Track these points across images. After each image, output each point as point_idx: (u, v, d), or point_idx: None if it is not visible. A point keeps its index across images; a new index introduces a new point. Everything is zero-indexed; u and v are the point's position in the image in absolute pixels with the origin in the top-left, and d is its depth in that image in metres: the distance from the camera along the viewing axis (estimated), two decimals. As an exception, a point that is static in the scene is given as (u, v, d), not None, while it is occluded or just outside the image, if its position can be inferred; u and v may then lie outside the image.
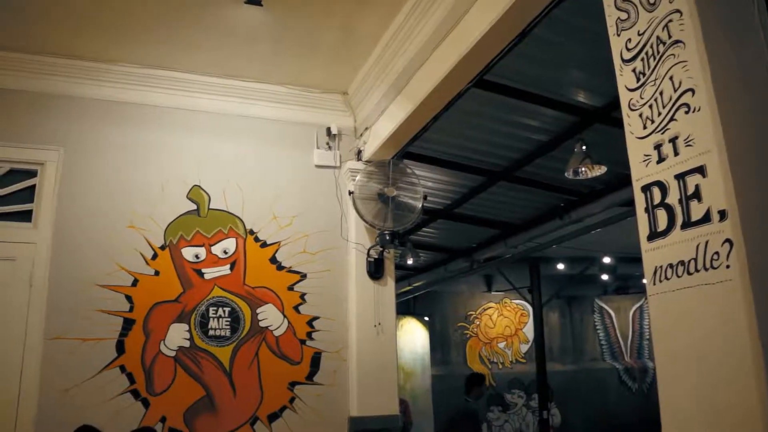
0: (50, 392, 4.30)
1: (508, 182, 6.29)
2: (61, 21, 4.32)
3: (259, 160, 5.17)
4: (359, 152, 5.26)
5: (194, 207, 4.91)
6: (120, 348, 4.51)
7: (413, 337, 11.74)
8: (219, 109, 5.14)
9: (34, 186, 4.66)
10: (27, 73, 4.72)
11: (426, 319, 12.06)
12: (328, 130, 5.32)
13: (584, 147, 5.20)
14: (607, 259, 10.75)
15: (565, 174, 5.45)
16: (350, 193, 5.01)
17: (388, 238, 5.00)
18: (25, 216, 4.61)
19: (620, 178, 5.86)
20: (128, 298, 4.61)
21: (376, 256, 5.11)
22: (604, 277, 12.23)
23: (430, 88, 4.13)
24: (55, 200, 4.62)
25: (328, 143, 5.34)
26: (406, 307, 11.91)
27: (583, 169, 5.30)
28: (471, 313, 12.50)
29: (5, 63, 4.66)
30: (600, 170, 5.34)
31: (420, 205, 5.01)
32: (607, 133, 5.09)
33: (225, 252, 4.90)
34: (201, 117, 5.09)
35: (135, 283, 4.65)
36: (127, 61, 4.83)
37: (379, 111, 4.95)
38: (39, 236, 4.56)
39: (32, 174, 4.68)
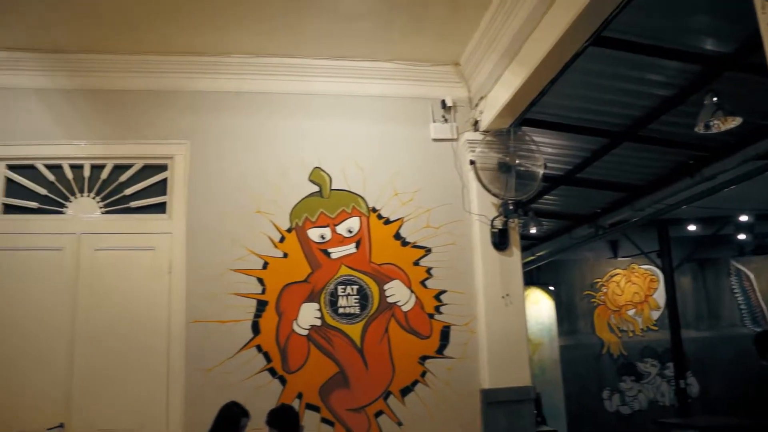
0: (195, 372, 4.56)
1: (632, 142, 6.01)
2: (177, 20, 4.52)
3: (376, 137, 5.20)
4: (476, 123, 5.17)
5: (317, 189, 5.01)
6: (255, 329, 4.70)
7: (539, 308, 11.58)
8: (333, 90, 5.21)
9: (166, 179, 4.94)
10: (151, 73, 5.01)
11: (551, 288, 11.84)
12: (443, 102, 5.27)
13: (715, 98, 4.87)
14: (743, 218, 10.12)
15: (696, 129, 5.13)
16: (472, 162, 4.96)
17: (511, 207, 4.93)
18: (160, 208, 4.90)
19: (757, 129, 5.46)
20: (260, 280, 4.78)
21: (500, 227, 5.03)
22: (741, 236, 11.51)
23: (544, 51, 3.99)
24: (186, 191, 4.87)
25: (443, 116, 5.30)
26: (530, 277, 11.71)
27: (715, 122, 4.97)
28: (597, 280, 12.15)
29: (131, 66, 4.97)
30: (734, 122, 4.99)
31: (541, 173, 4.89)
32: (741, 81, 4.76)
33: (349, 231, 4.97)
34: (316, 100, 5.18)
35: (265, 266, 4.81)
36: (242, 51, 4.99)
37: (494, 79, 4.84)
38: (174, 226, 4.82)
39: (163, 168, 4.95)
